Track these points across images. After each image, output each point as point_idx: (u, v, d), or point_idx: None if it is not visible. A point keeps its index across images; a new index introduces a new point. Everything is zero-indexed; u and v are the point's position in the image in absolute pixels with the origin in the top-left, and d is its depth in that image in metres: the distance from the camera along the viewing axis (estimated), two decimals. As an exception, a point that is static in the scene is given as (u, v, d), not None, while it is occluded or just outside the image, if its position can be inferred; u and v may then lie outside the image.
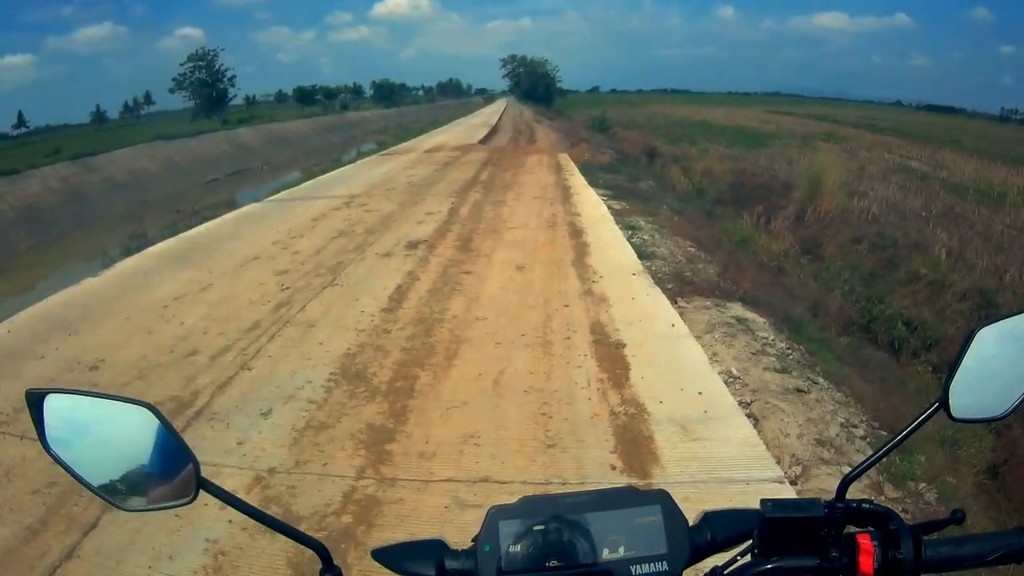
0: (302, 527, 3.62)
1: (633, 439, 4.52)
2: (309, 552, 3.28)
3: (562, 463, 4.30)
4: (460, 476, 4.20)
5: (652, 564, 0.88)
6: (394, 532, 3.63)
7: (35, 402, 0.80)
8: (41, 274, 14.82)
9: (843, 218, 15.91)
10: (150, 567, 3.45)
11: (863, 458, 0.88)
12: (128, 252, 11.15)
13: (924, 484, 4.43)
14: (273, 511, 3.77)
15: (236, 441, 4.61)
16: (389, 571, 0.97)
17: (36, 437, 3.08)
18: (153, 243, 11.58)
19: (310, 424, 4.90)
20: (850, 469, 0.94)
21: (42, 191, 25.59)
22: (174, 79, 64.26)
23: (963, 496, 4.66)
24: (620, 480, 4.02)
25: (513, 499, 0.93)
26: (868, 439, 4.93)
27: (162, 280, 8.73)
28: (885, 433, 5.05)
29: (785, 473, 4.20)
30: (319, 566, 0.93)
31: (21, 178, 26.11)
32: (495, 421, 4.86)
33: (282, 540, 3.57)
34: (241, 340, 6.51)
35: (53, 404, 0.83)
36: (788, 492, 3.84)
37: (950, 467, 4.97)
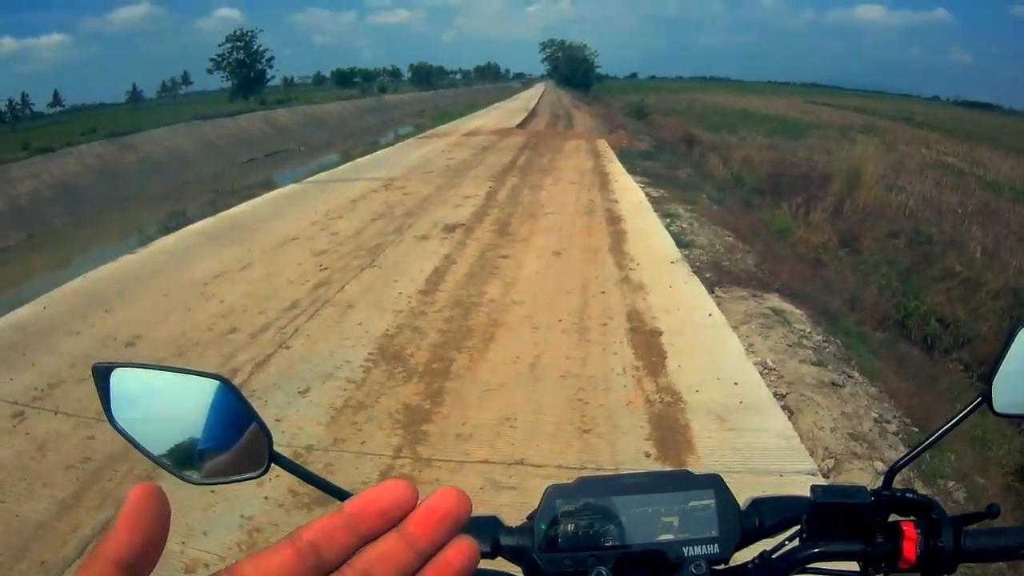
0: (336, 505, 3.69)
1: (669, 427, 4.52)
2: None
3: (597, 449, 4.31)
4: (495, 458, 4.22)
5: (704, 546, 0.89)
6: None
7: (101, 376, 0.80)
8: (77, 251, 14.96)
9: (880, 212, 15.76)
10: (183, 543, 3.49)
11: (895, 453, 0.89)
12: (167, 230, 11.25)
13: (954, 482, 4.42)
14: (310, 487, 3.84)
15: (274, 419, 4.67)
16: None
17: (70, 412, 3.18)
18: (192, 221, 11.68)
19: (348, 403, 4.95)
20: (897, 458, 0.96)
21: (78, 169, 25.86)
22: (212, 59, 64.95)
23: (992, 496, 4.63)
24: (654, 467, 4.02)
25: (547, 483, 0.95)
26: (900, 435, 4.90)
27: (201, 258, 8.82)
28: (917, 430, 5.03)
29: (819, 466, 4.19)
30: None
31: (57, 156, 26.43)
32: (531, 405, 4.88)
33: (316, 515, 3.65)
34: (280, 319, 6.57)
35: (119, 377, 0.81)
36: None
37: (979, 467, 4.94)
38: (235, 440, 0.83)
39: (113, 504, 3.83)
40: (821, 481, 3.90)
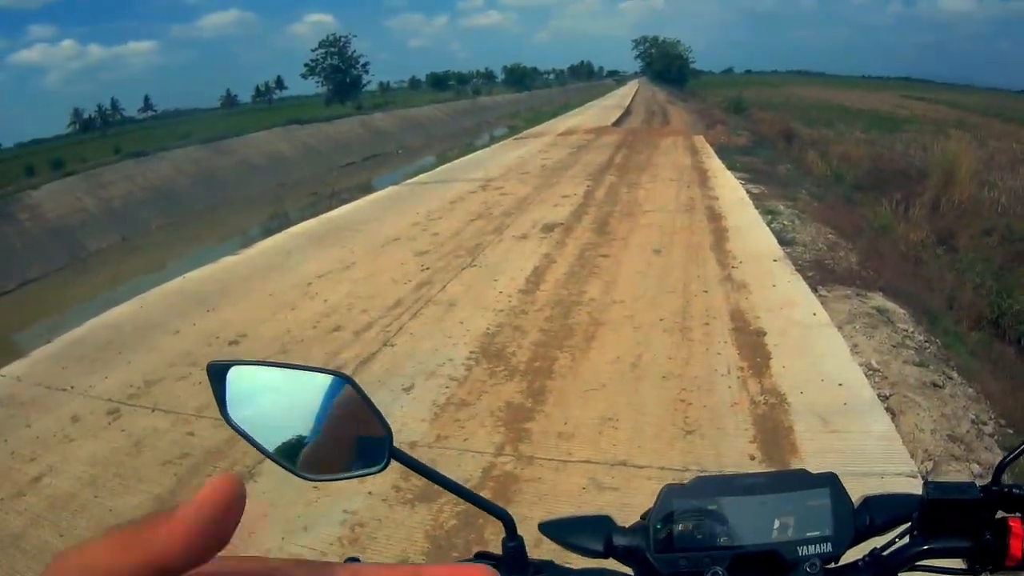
0: (439, 501, 3.75)
1: (773, 429, 4.47)
2: (450, 524, 3.36)
3: (700, 450, 4.28)
4: (597, 458, 4.22)
5: (818, 545, 0.90)
6: (530, 510, 3.66)
7: (216, 374, 0.82)
8: (174, 253, 15.24)
9: (974, 208, 15.28)
10: (283, 538, 3.57)
11: (990, 455, 0.87)
12: (268, 232, 11.51)
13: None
14: (413, 483, 3.90)
15: (378, 414, 4.73)
16: (555, 543, 0.98)
17: (167, 410, 3.31)
18: (292, 223, 11.92)
19: (451, 400, 5.03)
20: (1006, 452, 0.95)
21: (173, 172, 26.41)
22: (306, 64, 65.86)
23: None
24: (757, 469, 3.98)
25: (650, 484, 0.96)
26: (996, 436, 4.77)
27: (304, 259, 9.02)
28: (1012, 431, 4.90)
29: (918, 468, 4.12)
30: (503, 535, 0.96)
31: (150, 160, 27.01)
32: (633, 405, 4.86)
33: (422, 513, 3.69)
34: (384, 317, 6.69)
35: (236, 376, 0.81)
36: (918, 487, 3.77)
37: (1071, 467, 4.80)
38: (353, 436, 0.84)
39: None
40: (919, 484, 3.83)
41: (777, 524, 0.92)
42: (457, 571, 0.40)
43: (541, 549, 0.98)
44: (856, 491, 0.98)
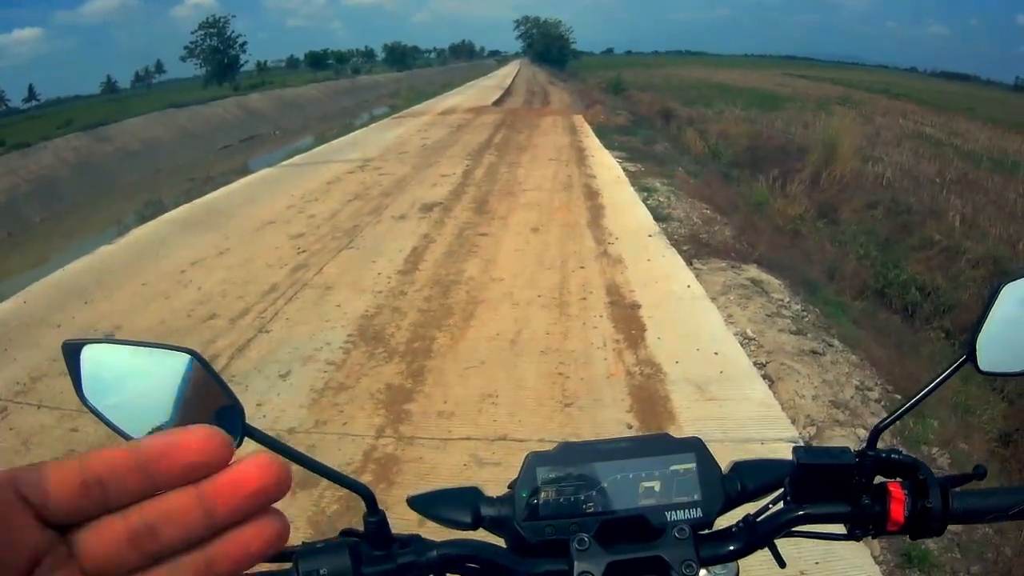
0: (319, 486, 3.68)
1: (649, 398, 4.55)
2: (332, 509, 3.28)
3: (579, 422, 4.33)
4: (478, 435, 4.24)
5: (687, 510, 0.90)
6: (413, 489, 3.63)
7: (71, 353, 0.78)
8: (56, 245, 14.80)
9: (858, 183, 15.80)
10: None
11: (878, 419, 0.88)
12: (143, 219, 11.16)
13: (937, 448, 4.45)
14: (293, 470, 3.82)
15: (255, 403, 4.65)
16: (424, 518, 0.95)
17: (53, 406, 3.16)
18: (168, 210, 11.58)
19: (329, 385, 4.95)
20: (880, 419, 0.95)
21: (55, 163, 25.56)
22: (185, 47, 64.44)
23: (975, 461, 4.64)
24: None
25: None
26: (883, 402, 4.94)
27: (178, 246, 8.75)
28: (899, 397, 5.05)
29: (800, 434, 4.22)
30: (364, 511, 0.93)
31: (33, 151, 26.08)
32: (512, 381, 4.90)
33: (302, 500, 3.61)
34: (259, 303, 6.55)
35: (90, 355, 0.78)
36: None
37: (963, 433, 4.98)
38: (208, 414, 0.82)
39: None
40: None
41: (643, 490, 0.90)
42: (178, 435, 0.38)
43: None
44: (736, 457, 0.96)
